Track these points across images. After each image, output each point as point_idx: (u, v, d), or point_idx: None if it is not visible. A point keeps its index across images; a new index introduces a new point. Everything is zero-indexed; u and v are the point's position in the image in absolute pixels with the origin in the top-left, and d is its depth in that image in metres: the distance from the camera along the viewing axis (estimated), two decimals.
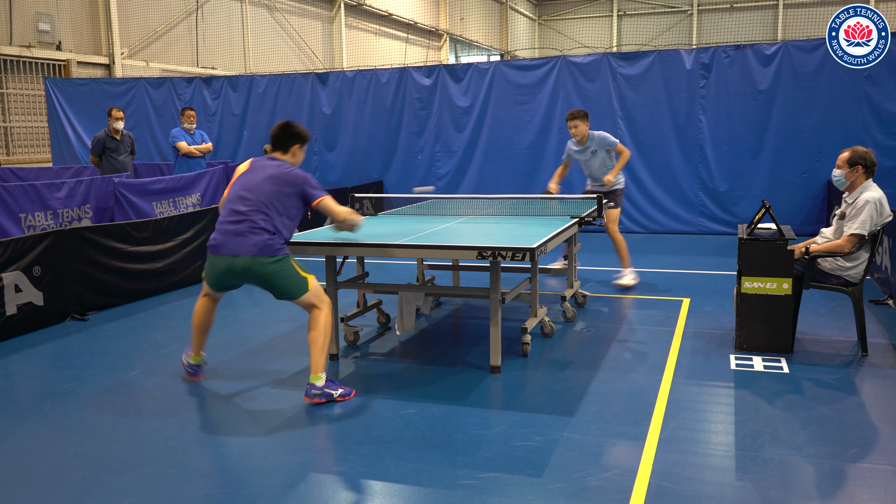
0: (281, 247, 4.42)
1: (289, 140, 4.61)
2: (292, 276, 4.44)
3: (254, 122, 13.41)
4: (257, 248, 4.34)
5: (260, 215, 4.40)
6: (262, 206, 4.41)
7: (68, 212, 8.52)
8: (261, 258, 4.35)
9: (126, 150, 10.38)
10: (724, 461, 3.68)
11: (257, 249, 4.34)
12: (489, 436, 4.00)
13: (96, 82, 13.87)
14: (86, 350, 5.79)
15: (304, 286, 4.46)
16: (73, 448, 3.96)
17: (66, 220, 8.46)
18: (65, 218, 8.46)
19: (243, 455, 3.85)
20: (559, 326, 6.13)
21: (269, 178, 4.47)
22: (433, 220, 6.23)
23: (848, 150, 5.32)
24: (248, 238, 4.36)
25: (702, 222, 11.13)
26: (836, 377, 4.86)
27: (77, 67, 14.45)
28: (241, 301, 7.30)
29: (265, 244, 4.36)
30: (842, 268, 5.24)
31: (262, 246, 4.35)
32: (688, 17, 29.29)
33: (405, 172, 12.62)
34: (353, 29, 22.40)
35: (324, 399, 4.41)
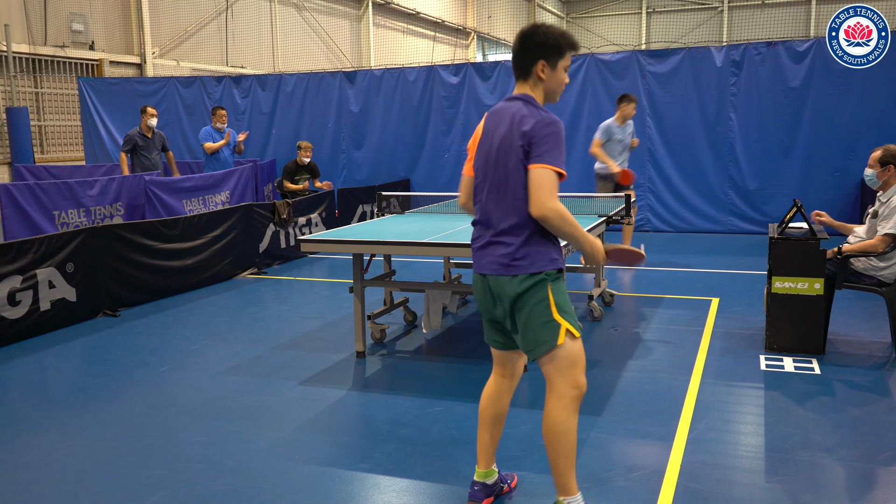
0: None
1: (528, 56, 2.94)
2: None
3: (282, 121, 13.50)
4: None
5: None
6: None
7: (101, 209, 8.65)
8: None
9: (157, 149, 10.50)
10: (754, 463, 3.64)
11: None
12: (515, 434, 3.99)
13: (128, 81, 14.05)
14: (117, 345, 5.88)
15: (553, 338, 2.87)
16: (105, 442, 4.02)
17: (99, 218, 8.59)
18: (97, 215, 8.59)
19: (271, 451, 3.88)
20: (586, 325, 6.09)
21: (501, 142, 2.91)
22: (460, 219, 6.23)
23: (880, 148, 5.23)
24: None
25: (731, 221, 11.00)
26: (868, 379, 4.78)
27: (109, 67, 14.66)
28: (269, 299, 7.37)
29: None
30: (875, 268, 5.16)
31: None
32: (718, 13, 28.95)
33: (432, 171, 12.63)
34: (380, 27, 22.46)
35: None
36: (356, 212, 11.11)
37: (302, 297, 7.57)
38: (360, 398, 4.65)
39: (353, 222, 10.71)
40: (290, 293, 7.72)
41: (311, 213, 9.89)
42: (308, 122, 13.30)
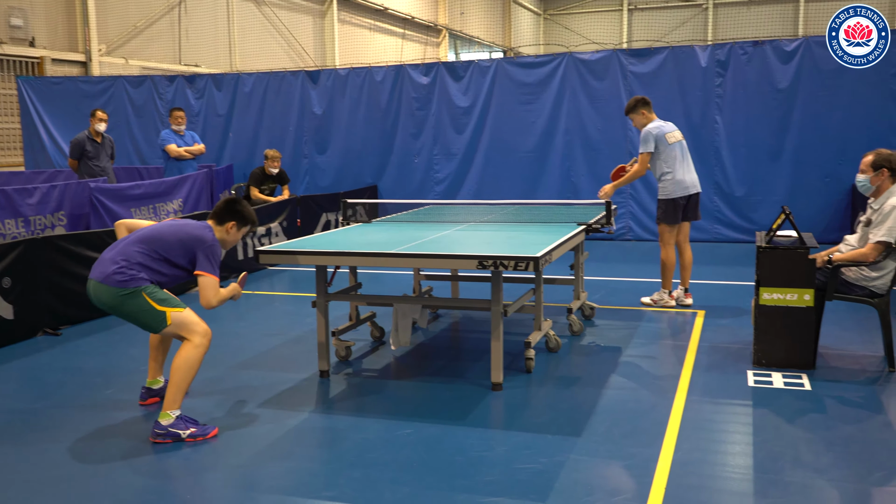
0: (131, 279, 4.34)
1: (226, 216, 4.63)
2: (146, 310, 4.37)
3: (240, 124, 13.43)
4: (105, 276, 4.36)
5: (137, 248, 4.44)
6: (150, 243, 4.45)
7: (41, 219, 8.52)
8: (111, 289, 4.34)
9: (107, 155, 10.40)
10: (742, 485, 3.67)
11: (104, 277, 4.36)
12: (490, 458, 3.99)
13: (72, 81, 13.90)
14: (59, 367, 5.78)
15: (162, 321, 4.36)
16: (44, 472, 3.95)
17: (39, 228, 8.46)
18: (37, 225, 8.46)
19: (227, 481, 3.84)
20: (565, 341, 6.12)
21: (180, 228, 4.52)
22: (431, 228, 6.24)
23: (872, 152, 5.34)
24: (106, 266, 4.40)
25: (717, 229, 11.14)
26: (861, 394, 4.85)
27: (52, 65, 14.48)
28: (225, 315, 7.30)
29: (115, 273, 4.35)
30: (867, 278, 5.25)
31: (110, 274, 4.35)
32: (703, 11, 29.39)
33: (401, 177, 12.63)
34: (346, 24, 22.47)
35: (169, 440, 4.27)
36: (319, 221, 11.08)
37: (261, 312, 7.51)
38: (323, 421, 4.62)
39: (317, 232, 10.67)
40: (248, 309, 7.67)
41: (271, 222, 9.83)
42: (268, 124, 13.25)
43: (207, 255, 4.41)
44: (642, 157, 7.14)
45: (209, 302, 4.38)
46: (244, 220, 4.66)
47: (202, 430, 4.35)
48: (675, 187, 7.09)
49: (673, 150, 7.12)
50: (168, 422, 4.29)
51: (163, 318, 4.33)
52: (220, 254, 4.50)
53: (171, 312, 4.33)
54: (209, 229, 4.54)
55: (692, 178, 7.21)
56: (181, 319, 4.36)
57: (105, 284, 4.30)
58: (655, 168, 7.19)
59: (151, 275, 4.38)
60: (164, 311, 4.33)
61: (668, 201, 7.12)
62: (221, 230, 4.61)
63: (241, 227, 4.66)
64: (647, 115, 7.26)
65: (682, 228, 7.28)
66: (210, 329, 4.42)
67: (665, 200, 7.14)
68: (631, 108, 7.31)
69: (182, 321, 4.36)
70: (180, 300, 4.46)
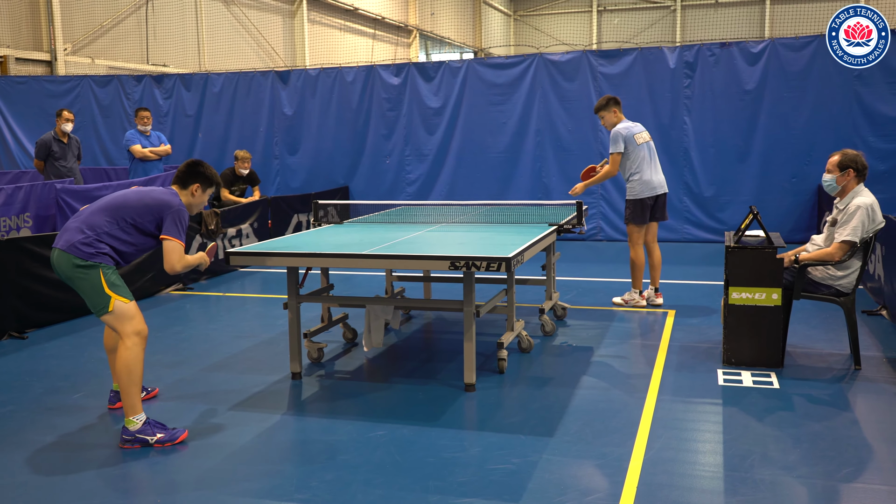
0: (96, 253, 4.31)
1: (189, 178, 4.58)
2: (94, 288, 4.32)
3: (209, 124, 13.32)
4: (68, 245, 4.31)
5: None
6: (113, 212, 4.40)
7: (6, 220, 8.39)
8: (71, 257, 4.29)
9: (74, 156, 10.27)
10: (712, 483, 3.71)
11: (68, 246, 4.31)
12: (463, 459, 4.00)
13: (36, 80, 13.69)
14: (24, 371, 5.69)
15: (105, 305, 4.29)
16: (10, 478, 3.89)
17: (3, 230, 8.33)
18: (1, 227, 8.33)
19: (199, 483, 3.81)
20: (537, 341, 6.15)
21: (146, 193, 4.48)
22: (403, 229, 6.23)
23: (838, 153, 5.42)
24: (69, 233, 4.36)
25: (687, 229, 11.25)
26: (828, 392, 4.93)
27: (15, 64, 14.25)
28: (196, 317, 7.24)
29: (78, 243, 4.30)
30: (833, 277, 5.33)
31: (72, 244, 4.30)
32: (671, 12, 29.68)
33: (372, 177, 12.61)
34: (316, 24, 22.38)
35: (137, 445, 4.22)
36: (291, 222, 11.01)
37: (232, 314, 7.46)
38: (295, 423, 4.60)
39: (288, 233, 10.61)
40: (219, 310, 7.60)
41: (242, 223, 9.76)
42: (238, 125, 13.15)
43: (174, 219, 4.38)
44: (613, 157, 7.19)
45: (173, 267, 4.34)
46: (208, 180, 4.60)
47: (170, 435, 4.28)
48: (642, 188, 7.16)
49: (641, 151, 7.19)
50: (135, 427, 4.24)
51: (107, 303, 4.26)
52: (186, 219, 4.47)
53: (115, 300, 4.27)
54: (175, 194, 4.50)
55: (659, 179, 7.29)
56: (122, 311, 4.29)
57: (67, 253, 4.25)
58: (624, 168, 7.25)
59: (119, 244, 4.35)
60: (109, 297, 4.27)
61: (636, 201, 7.19)
62: (186, 194, 4.56)
63: (205, 188, 4.61)
64: (618, 115, 7.32)
65: (650, 228, 7.36)
66: (147, 328, 4.36)
67: (633, 201, 7.21)
68: (602, 105, 7.35)
69: (122, 313, 4.29)
70: (130, 292, 4.40)
